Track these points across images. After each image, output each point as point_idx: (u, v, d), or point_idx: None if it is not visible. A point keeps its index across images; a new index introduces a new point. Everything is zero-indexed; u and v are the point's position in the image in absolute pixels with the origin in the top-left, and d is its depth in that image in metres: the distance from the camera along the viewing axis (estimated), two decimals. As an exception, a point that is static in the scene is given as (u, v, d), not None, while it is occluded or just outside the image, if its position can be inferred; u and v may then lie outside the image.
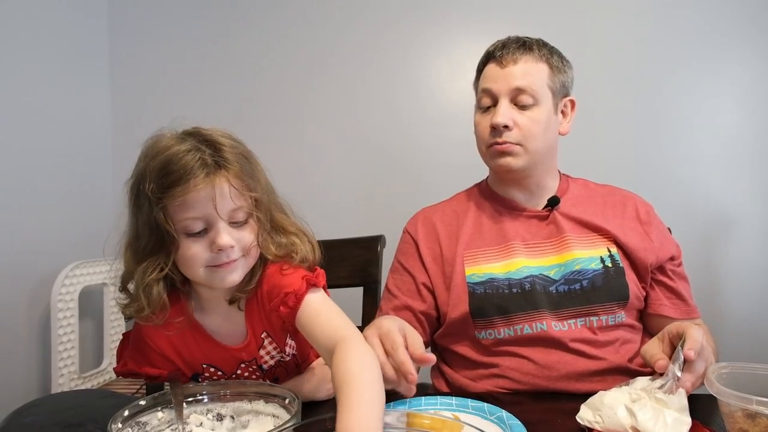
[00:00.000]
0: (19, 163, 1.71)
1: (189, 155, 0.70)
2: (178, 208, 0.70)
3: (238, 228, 0.74)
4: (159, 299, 0.74)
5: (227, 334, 0.82)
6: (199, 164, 0.70)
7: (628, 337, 0.95)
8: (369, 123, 1.97)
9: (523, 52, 0.99)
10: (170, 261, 0.73)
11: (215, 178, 0.71)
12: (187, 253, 0.72)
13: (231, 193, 0.72)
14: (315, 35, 2.00)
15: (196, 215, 0.70)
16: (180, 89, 2.07)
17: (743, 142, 1.78)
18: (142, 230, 0.73)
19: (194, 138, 0.74)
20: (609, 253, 0.97)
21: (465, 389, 0.95)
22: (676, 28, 1.81)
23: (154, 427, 0.66)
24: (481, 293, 0.96)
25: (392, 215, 1.19)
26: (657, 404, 0.64)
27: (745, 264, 1.79)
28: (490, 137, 1.00)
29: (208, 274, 0.74)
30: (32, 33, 1.77)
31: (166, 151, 0.71)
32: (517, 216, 1.04)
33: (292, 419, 0.61)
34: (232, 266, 0.74)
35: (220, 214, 0.71)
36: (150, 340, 0.81)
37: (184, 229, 0.71)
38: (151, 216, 0.70)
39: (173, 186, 0.69)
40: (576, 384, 0.89)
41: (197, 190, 0.69)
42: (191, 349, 0.81)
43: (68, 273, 1.72)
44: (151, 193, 0.69)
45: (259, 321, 0.82)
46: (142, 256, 0.73)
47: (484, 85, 1.01)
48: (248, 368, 0.84)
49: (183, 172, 0.69)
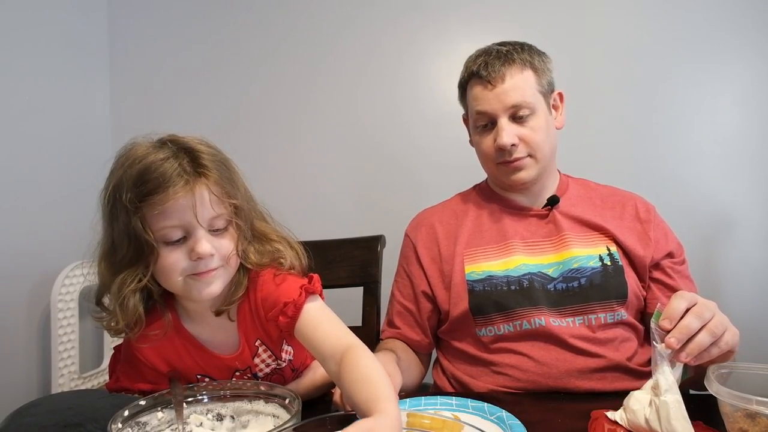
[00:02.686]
0: (18, 162, 1.71)
1: (167, 163, 0.69)
2: (156, 216, 0.68)
3: (217, 236, 0.73)
4: (135, 312, 0.72)
5: (219, 343, 0.81)
6: (178, 172, 0.69)
7: (627, 336, 0.95)
8: (369, 123, 1.97)
9: (508, 65, 0.98)
10: (149, 272, 0.71)
11: (195, 186, 0.69)
12: (165, 261, 0.70)
13: (211, 200, 0.71)
14: (314, 35, 2.00)
15: (174, 224, 0.69)
16: (180, 89, 2.07)
17: (743, 142, 1.78)
18: (118, 241, 0.71)
19: (171, 145, 0.72)
20: (608, 251, 0.97)
21: (466, 385, 0.97)
22: (676, 28, 1.81)
23: (154, 427, 0.66)
24: (480, 291, 0.97)
25: (392, 215, 1.19)
26: (655, 396, 0.64)
27: (745, 264, 1.78)
28: (498, 156, 1.00)
29: (186, 284, 0.72)
30: (31, 32, 1.77)
31: (143, 159, 0.69)
32: (516, 215, 1.05)
33: (292, 419, 0.61)
34: (211, 276, 0.72)
35: (200, 222, 0.70)
36: (140, 354, 0.79)
37: (163, 237, 0.70)
38: (129, 226, 0.69)
39: (151, 194, 0.67)
40: (575, 381, 0.89)
41: (176, 198, 0.68)
42: (184, 360, 0.80)
43: (68, 273, 1.72)
44: (129, 203, 0.68)
45: (252, 329, 0.80)
46: (119, 267, 0.72)
47: (478, 107, 1.00)
48: (242, 377, 0.83)
49: (162, 180, 0.67)
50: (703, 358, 0.66)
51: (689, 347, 0.65)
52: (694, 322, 0.65)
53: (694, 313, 0.66)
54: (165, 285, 0.74)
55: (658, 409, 0.63)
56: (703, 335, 0.65)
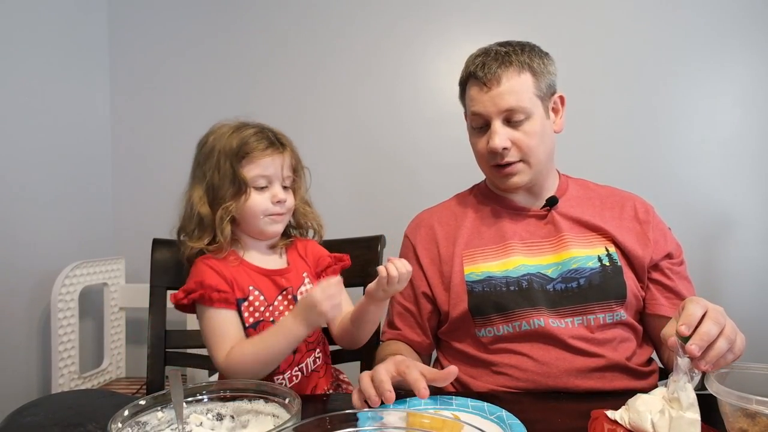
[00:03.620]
0: (18, 162, 1.71)
1: (262, 133, 0.97)
2: (252, 168, 0.94)
3: (286, 192, 0.99)
4: (229, 235, 0.96)
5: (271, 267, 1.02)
6: (272, 141, 0.97)
7: (626, 336, 0.95)
8: (369, 123, 1.97)
9: (505, 67, 0.96)
10: (238, 207, 0.94)
11: (280, 152, 0.97)
12: (253, 201, 0.95)
13: (286, 164, 0.98)
14: (315, 35, 2.00)
15: (264, 174, 0.95)
16: (180, 89, 2.07)
17: (743, 142, 1.79)
18: (219, 183, 0.94)
19: (256, 125, 1.00)
20: (607, 252, 0.97)
21: (466, 385, 0.96)
22: (676, 28, 1.81)
23: (154, 427, 0.66)
24: (480, 291, 0.97)
25: (392, 215, 1.19)
26: (672, 408, 0.63)
27: (745, 264, 1.79)
28: (490, 158, 1.00)
29: (264, 221, 0.97)
30: (32, 32, 1.77)
31: (241, 131, 0.96)
32: (515, 216, 1.05)
33: (292, 419, 0.61)
34: (281, 218, 0.99)
35: (283, 177, 0.97)
36: (209, 267, 0.96)
37: (253, 182, 0.95)
38: (232, 170, 0.93)
39: (252, 152, 0.94)
40: (575, 381, 0.89)
41: (269, 157, 0.95)
42: (241, 275, 0.97)
43: (68, 273, 1.72)
44: (234, 156, 0.94)
45: (302, 265, 1.05)
46: (218, 203, 0.95)
47: (473, 108, 1.00)
48: (286, 298, 0.99)
49: (260, 144, 0.95)
50: (719, 365, 0.66)
51: (709, 355, 0.64)
52: (713, 328, 0.64)
53: (712, 318, 0.65)
54: (247, 220, 0.97)
55: (672, 420, 0.62)
56: (722, 342, 0.64)
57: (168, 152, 2.03)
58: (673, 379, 0.66)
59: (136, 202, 2.08)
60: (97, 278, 1.83)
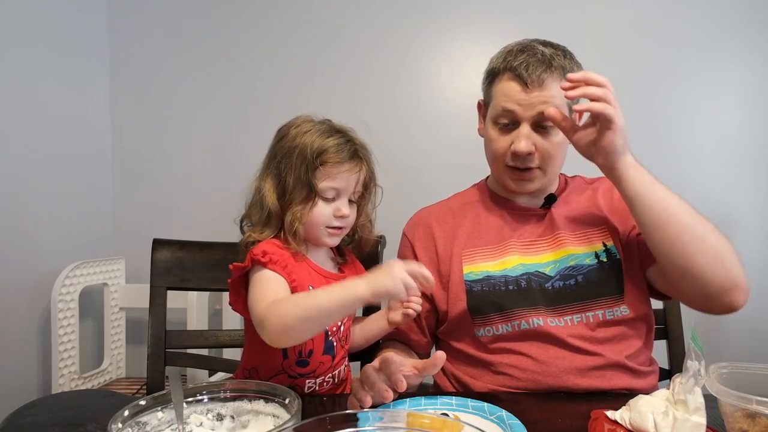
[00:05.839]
0: (19, 162, 1.71)
1: (344, 145, 0.94)
2: (325, 176, 0.92)
3: (351, 206, 0.97)
4: (299, 234, 0.94)
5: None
6: (352, 154, 0.95)
7: (629, 334, 0.95)
8: (369, 123, 1.96)
9: (549, 72, 0.93)
10: (304, 213, 0.93)
11: (357, 167, 0.95)
12: (318, 210, 0.93)
13: (362, 180, 0.98)
14: (315, 35, 2.00)
15: (334, 186, 0.93)
16: (180, 89, 2.07)
17: (743, 142, 1.79)
18: (294, 183, 0.93)
19: (341, 132, 0.98)
20: (604, 247, 0.97)
21: (466, 385, 0.97)
22: (676, 28, 1.81)
23: (154, 427, 0.66)
24: (479, 291, 0.97)
25: (392, 215, 1.19)
26: (677, 410, 0.63)
27: (745, 264, 1.78)
28: (509, 159, 0.98)
29: (324, 232, 0.95)
30: (32, 32, 1.77)
31: (323, 137, 0.94)
32: (514, 215, 1.05)
33: (292, 419, 0.61)
34: (340, 232, 0.97)
35: (354, 192, 0.96)
36: (278, 247, 0.95)
37: (322, 192, 0.93)
38: (306, 175, 0.92)
39: (329, 162, 0.92)
40: (575, 379, 0.89)
41: (345, 169, 0.93)
42: (303, 272, 0.96)
43: (68, 273, 1.72)
44: (312, 162, 0.91)
45: (354, 275, 1.01)
46: (290, 201, 0.93)
47: (506, 104, 0.95)
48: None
49: (340, 155, 0.93)
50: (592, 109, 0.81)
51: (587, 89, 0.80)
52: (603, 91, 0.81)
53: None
54: (310, 227, 0.95)
55: (675, 422, 0.62)
56: (603, 90, 0.81)
57: (168, 152, 2.03)
58: (679, 381, 0.65)
59: (136, 202, 2.08)
60: (97, 278, 1.83)
